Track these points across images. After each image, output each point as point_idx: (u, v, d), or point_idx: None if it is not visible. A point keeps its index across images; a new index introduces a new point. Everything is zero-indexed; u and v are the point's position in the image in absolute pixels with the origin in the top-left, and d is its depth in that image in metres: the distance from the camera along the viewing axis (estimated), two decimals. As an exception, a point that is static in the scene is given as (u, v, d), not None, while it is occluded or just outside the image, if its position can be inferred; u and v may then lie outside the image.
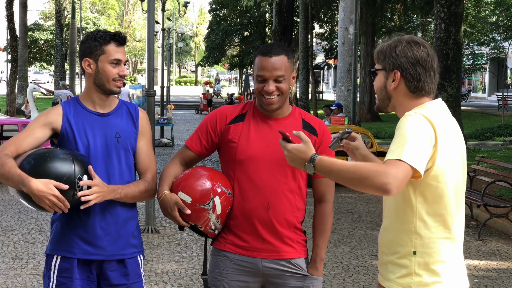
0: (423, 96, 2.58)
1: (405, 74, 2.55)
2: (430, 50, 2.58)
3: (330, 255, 7.34)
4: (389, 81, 2.59)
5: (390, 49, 2.58)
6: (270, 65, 2.93)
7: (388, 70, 2.59)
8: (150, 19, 8.71)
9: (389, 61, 2.57)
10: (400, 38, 2.60)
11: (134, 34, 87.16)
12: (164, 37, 34.08)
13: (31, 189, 2.78)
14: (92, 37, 3.06)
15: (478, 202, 8.70)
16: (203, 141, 3.08)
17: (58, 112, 3.08)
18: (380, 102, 2.67)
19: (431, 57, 2.57)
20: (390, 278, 2.57)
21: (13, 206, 9.64)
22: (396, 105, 2.63)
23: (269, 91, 2.94)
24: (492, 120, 26.26)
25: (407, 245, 2.53)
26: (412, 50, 2.55)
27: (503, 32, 28.71)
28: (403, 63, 2.54)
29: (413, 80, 2.55)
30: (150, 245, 7.62)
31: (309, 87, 30.53)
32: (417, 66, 2.54)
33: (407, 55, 2.54)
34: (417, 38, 2.60)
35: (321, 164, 2.42)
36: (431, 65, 2.57)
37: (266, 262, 2.99)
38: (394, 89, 2.59)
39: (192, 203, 2.89)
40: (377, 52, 2.63)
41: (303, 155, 2.46)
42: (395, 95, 2.61)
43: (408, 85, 2.56)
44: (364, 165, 2.36)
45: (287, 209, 2.98)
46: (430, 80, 2.57)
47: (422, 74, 2.55)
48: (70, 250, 3.05)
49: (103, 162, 3.06)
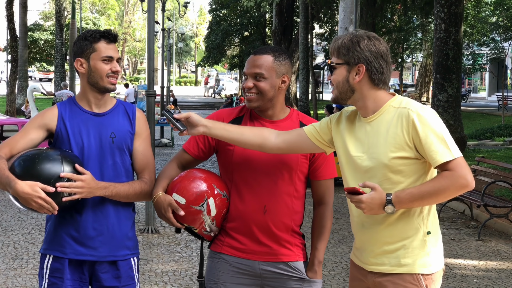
0: (383, 88, 2.70)
1: (370, 68, 2.65)
2: (387, 45, 2.71)
3: (330, 255, 7.34)
4: (352, 75, 2.68)
5: (353, 44, 2.66)
6: (251, 62, 2.97)
7: (352, 64, 2.67)
8: (150, 19, 8.71)
9: (353, 55, 2.65)
10: (358, 33, 2.70)
11: (134, 34, 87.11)
12: (164, 37, 34.09)
13: (17, 192, 2.78)
14: (83, 37, 3.06)
15: (478, 202, 8.69)
16: (200, 144, 3.07)
17: (53, 113, 3.08)
18: (341, 94, 2.73)
19: (388, 51, 2.70)
20: (407, 263, 2.64)
21: (13, 206, 9.64)
22: (358, 98, 2.70)
23: (246, 86, 2.95)
24: (492, 120, 26.24)
25: (420, 227, 2.65)
26: (375, 45, 2.66)
27: (503, 33, 28.68)
28: (368, 57, 2.64)
29: (377, 73, 2.66)
30: (150, 245, 7.61)
31: (309, 87, 30.52)
32: (380, 60, 2.66)
33: (371, 49, 2.65)
34: (374, 34, 2.71)
35: (400, 201, 2.54)
36: (389, 59, 2.71)
37: (263, 265, 2.98)
38: (358, 82, 2.67)
39: (186, 205, 2.88)
40: (338, 47, 2.70)
41: (378, 201, 2.54)
42: (358, 88, 2.69)
43: (372, 78, 2.66)
44: (438, 181, 2.50)
45: (284, 212, 2.97)
46: (389, 72, 2.71)
47: (384, 67, 2.67)
48: (62, 250, 3.04)
49: (97, 162, 3.04)
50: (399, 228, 2.64)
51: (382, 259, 2.69)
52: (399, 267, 2.65)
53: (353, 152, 2.72)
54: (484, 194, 8.78)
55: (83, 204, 3.01)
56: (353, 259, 2.86)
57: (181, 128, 2.79)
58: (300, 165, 2.98)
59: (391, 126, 2.61)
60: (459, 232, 8.81)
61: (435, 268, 2.66)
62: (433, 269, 2.66)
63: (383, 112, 2.66)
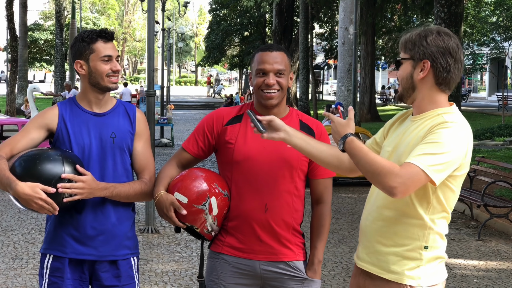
0: (445, 91, 2.57)
1: (436, 64, 2.52)
2: (459, 42, 2.56)
3: (330, 255, 7.34)
4: (417, 71, 2.55)
5: (420, 38, 2.53)
6: (271, 58, 2.94)
7: (417, 60, 2.54)
8: (150, 19, 8.71)
9: (419, 50, 2.53)
10: (429, 28, 2.56)
11: (134, 34, 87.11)
12: (164, 37, 34.09)
13: (17, 193, 2.77)
14: (80, 38, 3.05)
15: (478, 202, 8.69)
16: (200, 143, 3.06)
17: (54, 113, 3.07)
18: (403, 91, 2.63)
19: (460, 48, 2.54)
20: (396, 271, 2.58)
21: (13, 206, 9.63)
22: (418, 97, 2.59)
23: (270, 83, 2.92)
24: (492, 120, 26.25)
25: (418, 239, 2.56)
26: (443, 40, 2.51)
27: (503, 32, 28.68)
28: (434, 53, 2.51)
29: (443, 70, 2.52)
30: (150, 245, 7.61)
31: (309, 87, 30.51)
32: (447, 57, 2.51)
33: (438, 44, 2.51)
34: (446, 29, 2.57)
35: (350, 145, 2.49)
36: (459, 57, 2.54)
37: (264, 265, 2.97)
38: (422, 79, 2.55)
39: (188, 204, 2.88)
40: (405, 41, 2.58)
41: (342, 129, 2.54)
42: (420, 86, 2.57)
43: (436, 76, 2.53)
44: (380, 161, 2.40)
45: (285, 210, 2.96)
46: (458, 71, 2.55)
47: (452, 65, 2.52)
48: (62, 249, 3.04)
49: (97, 163, 3.04)
50: (397, 232, 2.59)
51: (373, 259, 2.66)
52: (387, 273, 2.60)
53: (386, 144, 2.69)
54: (484, 194, 8.78)
55: (83, 204, 3.00)
56: (354, 256, 2.86)
57: (262, 130, 2.72)
58: (300, 163, 2.98)
59: (425, 132, 2.50)
60: (459, 232, 8.81)
61: (425, 283, 2.56)
62: (423, 283, 2.56)
63: (429, 117, 2.55)
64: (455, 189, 2.57)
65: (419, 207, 2.54)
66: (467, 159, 2.53)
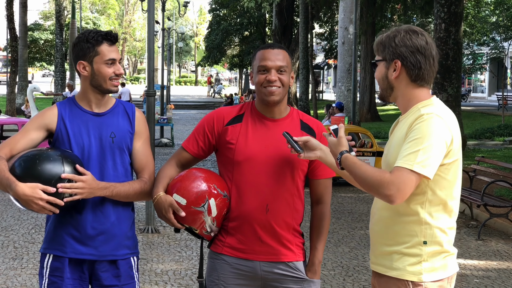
0: (423, 86, 2.64)
1: (406, 63, 2.61)
2: (429, 38, 2.64)
3: (330, 255, 7.34)
4: (390, 71, 2.65)
5: (389, 40, 2.63)
6: (273, 55, 2.95)
7: (389, 60, 2.64)
8: (150, 19, 8.71)
9: (389, 51, 2.63)
10: (398, 28, 2.65)
11: (134, 34, 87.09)
12: (164, 37, 34.07)
13: (17, 194, 2.77)
14: (84, 39, 3.02)
15: (478, 202, 8.69)
16: (200, 142, 3.06)
17: (53, 113, 3.07)
18: (382, 91, 2.73)
19: (429, 44, 2.62)
20: (398, 267, 2.62)
21: (13, 206, 9.63)
22: (398, 95, 2.68)
23: (272, 79, 2.92)
24: (492, 120, 26.23)
25: (416, 235, 2.60)
26: (411, 39, 2.60)
27: (503, 32, 28.67)
28: (403, 52, 2.60)
29: (414, 68, 2.60)
30: (150, 245, 7.61)
31: (309, 87, 30.50)
32: (416, 54, 2.60)
33: (406, 44, 2.60)
34: (415, 27, 2.65)
35: (345, 163, 2.60)
36: (430, 53, 2.62)
37: (264, 266, 2.97)
38: (396, 78, 2.64)
39: (187, 205, 2.87)
40: (377, 44, 2.69)
41: (335, 148, 2.63)
42: (397, 85, 2.66)
43: (409, 73, 2.62)
44: (372, 173, 2.48)
45: (285, 211, 2.96)
46: (430, 67, 2.62)
47: (422, 61, 2.60)
48: (62, 249, 3.05)
49: (97, 162, 3.04)
50: (397, 231, 2.64)
51: (379, 259, 2.71)
52: (391, 270, 2.65)
53: (385, 147, 2.76)
54: (484, 194, 8.78)
55: (83, 203, 3.01)
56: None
57: (299, 150, 2.80)
58: (301, 163, 2.98)
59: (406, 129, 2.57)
60: (459, 232, 8.81)
61: (427, 278, 2.60)
62: (426, 279, 2.60)
63: (411, 113, 2.62)
64: (449, 177, 2.59)
65: (413, 203, 2.58)
66: (455, 145, 2.57)
